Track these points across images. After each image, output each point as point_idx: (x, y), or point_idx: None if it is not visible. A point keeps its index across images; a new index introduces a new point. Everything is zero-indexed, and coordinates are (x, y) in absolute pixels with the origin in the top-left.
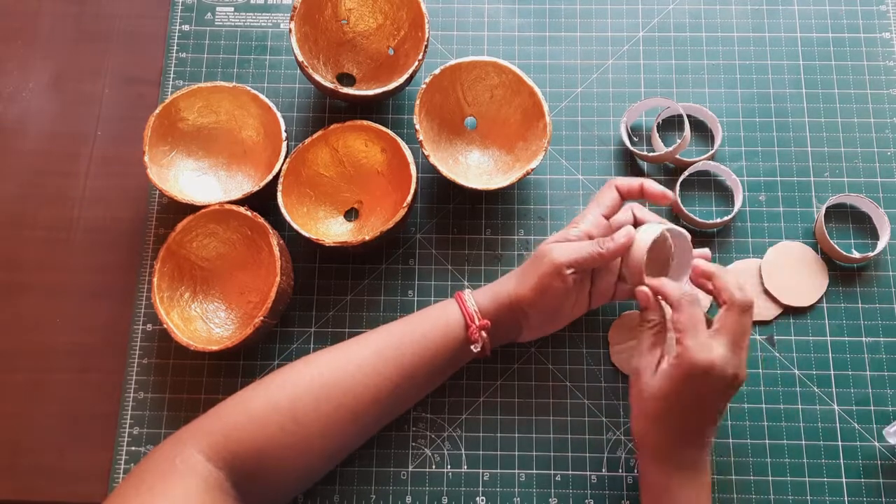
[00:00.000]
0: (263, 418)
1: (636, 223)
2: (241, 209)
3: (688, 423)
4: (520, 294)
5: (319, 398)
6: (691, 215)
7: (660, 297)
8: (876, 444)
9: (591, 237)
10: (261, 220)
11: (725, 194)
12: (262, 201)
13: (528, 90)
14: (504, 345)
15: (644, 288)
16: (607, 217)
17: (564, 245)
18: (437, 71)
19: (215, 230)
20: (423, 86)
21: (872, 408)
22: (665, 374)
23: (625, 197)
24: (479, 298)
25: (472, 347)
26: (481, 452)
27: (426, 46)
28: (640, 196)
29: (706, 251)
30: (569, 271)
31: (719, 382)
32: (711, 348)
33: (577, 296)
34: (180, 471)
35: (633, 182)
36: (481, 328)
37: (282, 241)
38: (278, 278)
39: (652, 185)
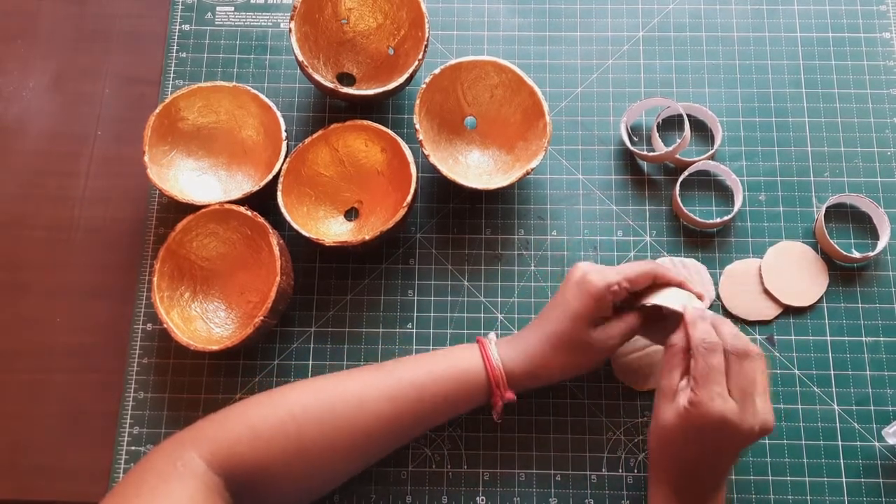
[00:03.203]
0: (268, 439)
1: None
2: (241, 209)
3: (701, 465)
4: (566, 371)
5: (329, 428)
6: (691, 215)
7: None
8: (876, 444)
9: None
10: (261, 219)
11: (725, 194)
12: (262, 201)
13: (528, 90)
14: None
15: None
16: (631, 282)
17: (614, 335)
18: (437, 71)
19: (215, 230)
20: (423, 86)
21: (872, 408)
22: (680, 412)
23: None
24: (509, 364)
25: (493, 414)
26: (481, 452)
27: (426, 46)
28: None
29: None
30: (608, 354)
31: (735, 436)
32: (725, 401)
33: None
34: (181, 473)
35: (671, 276)
36: (507, 400)
37: (282, 241)
38: (278, 278)
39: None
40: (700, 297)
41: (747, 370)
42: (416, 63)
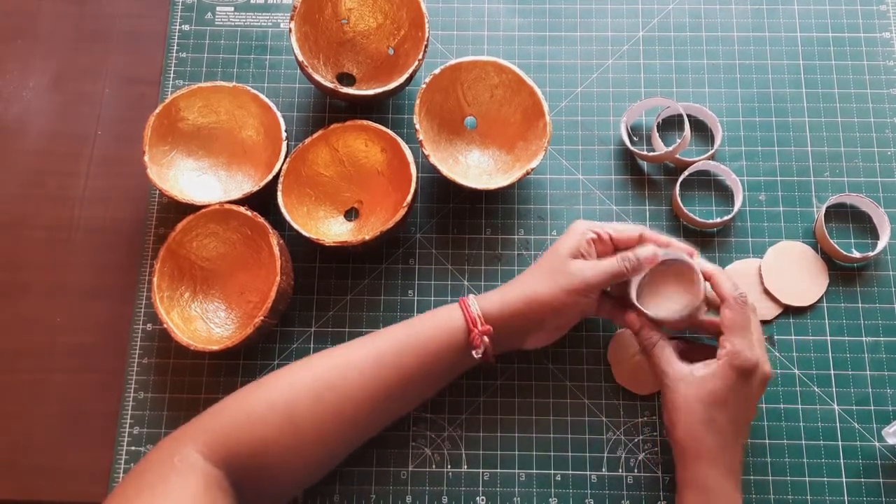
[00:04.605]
0: (261, 419)
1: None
2: (241, 209)
3: (738, 422)
4: (537, 302)
5: (317, 400)
6: (691, 215)
7: (642, 314)
8: (876, 444)
9: (611, 238)
10: (261, 219)
11: (725, 194)
12: (263, 201)
13: (528, 90)
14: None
15: (632, 314)
16: (618, 241)
17: (590, 267)
18: (437, 71)
19: (215, 230)
20: (423, 86)
21: (872, 408)
22: (716, 375)
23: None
24: (484, 304)
25: (473, 353)
26: (481, 452)
27: (426, 46)
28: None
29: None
30: (595, 292)
31: (761, 379)
32: (753, 348)
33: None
34: (179, 469)
35: (659, 237)
36: (483, 333)
37: (282, 241)
38: (278, 278)
39: (677, 243)
40: (691, 255)
41: (755, 319)
42: (416, 63)
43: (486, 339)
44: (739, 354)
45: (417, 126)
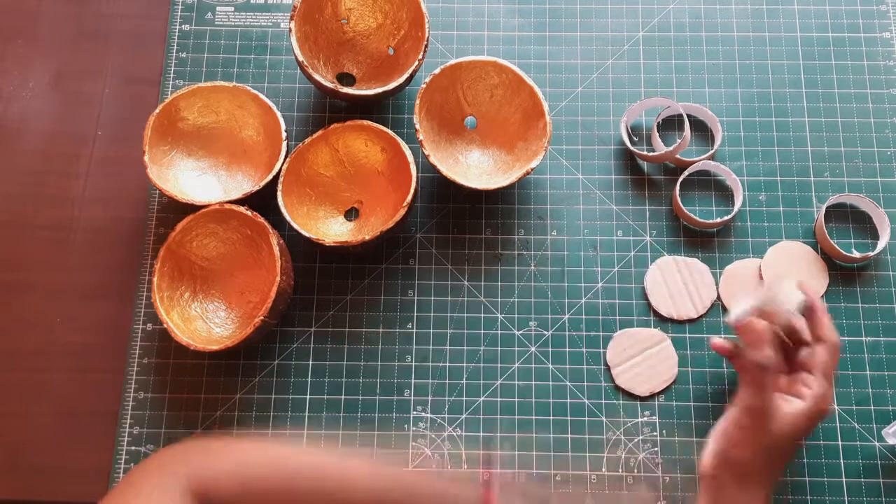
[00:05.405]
0: (249, 482)
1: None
2: (241, 209)
3: (789, 455)
4: None
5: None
6: (691, 215)
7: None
8: (876, 444)
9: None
10: (261, 219)
11: (725, 194)
12: (263, 201)
13: (528, 90)
14: (505, 345)
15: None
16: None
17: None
18: (437, 71)
19: (215, 230)
20: (424, 85)
21: (872, 408)
22: (802, 414)
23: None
24: None
25: None
26: (481, 452)
27: (426, 46)
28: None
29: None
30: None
31: (821, 421)
32: (832, 394)
33: None
34: (160, 499)
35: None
36: None
37: (282, 241)
38: (278, 278)
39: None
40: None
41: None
42: (416, 63)
43: None
44: (826, 400)
45: (418, 126)
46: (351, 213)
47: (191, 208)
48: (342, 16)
